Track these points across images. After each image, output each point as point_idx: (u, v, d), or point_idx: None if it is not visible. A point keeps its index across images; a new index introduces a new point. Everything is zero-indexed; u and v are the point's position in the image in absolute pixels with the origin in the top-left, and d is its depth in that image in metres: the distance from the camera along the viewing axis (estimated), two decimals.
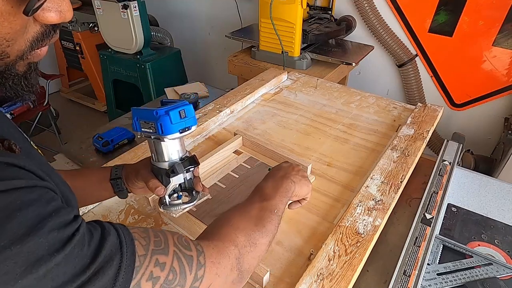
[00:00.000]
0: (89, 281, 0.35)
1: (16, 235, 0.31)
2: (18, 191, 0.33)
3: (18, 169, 0.35)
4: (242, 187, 0.94)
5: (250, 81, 1.44)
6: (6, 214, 0.31)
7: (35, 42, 0.39)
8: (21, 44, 0.37)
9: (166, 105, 0.62)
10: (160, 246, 0.43)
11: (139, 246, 0.41)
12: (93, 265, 0.35)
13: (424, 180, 1.04)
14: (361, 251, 0.72)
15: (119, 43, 2.36)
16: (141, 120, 0.62)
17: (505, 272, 0.80)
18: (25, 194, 0.33)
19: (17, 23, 0.35)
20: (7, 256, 0.30)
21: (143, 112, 0.61)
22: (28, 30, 0.37)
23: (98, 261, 0.36)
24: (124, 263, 0.38)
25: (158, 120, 0.59)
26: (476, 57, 1.93)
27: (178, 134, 0.60)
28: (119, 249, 0.38)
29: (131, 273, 0.38)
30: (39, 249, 0.32)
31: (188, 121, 0.61)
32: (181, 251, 0.45)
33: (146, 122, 0.61)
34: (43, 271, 0.32)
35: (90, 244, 0.36)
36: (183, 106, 0.60)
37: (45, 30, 0.39)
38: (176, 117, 0.59)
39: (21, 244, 0.31)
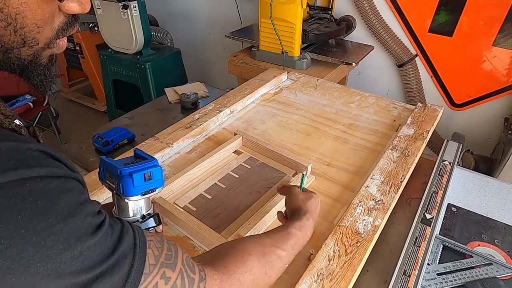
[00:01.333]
0: (107, 272, 0.36)
1: (61, 215, 0.33)
2: (59, 179, 0.35)
3: (54, 160, 0.37)
4: (242, 187, 0.94)
5: (250, 81, 1.44)
6: (51, 196, 0.34)
7: (60, 31, 0.41)
8: (49, 32, 0.40)
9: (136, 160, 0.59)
10: (170, 260, 0.44)
11: (151, 255, 0.42)
12: (112, 256, 0.37)
13: (424, 180, 1.04)
14: (361, 251, 0.72)
15: (119, 43, 2.36)
16: (106, 171, 0.60)
17: (505, 272, 0.80)
18: (64, 182, 0.36)
19: (47, 11, 0.38)
20: (53, 232, 0.32)
21: (109, 165, 0.58)
22: (54, 19, 0.40)
23: (116, 255, 0.38)
24: (135, 264, 0.39)
25: (121, 180, 0.57)
26: (476, 57, 1.93)
27: (140, 196, 0.59)
28: (133, 250, 0.40)
29: (140, 275, 0.40)
30: (78, 230, 0.34)
31: (153, 183, 0.59)
32: (186, 271, 0.45)
33: (110, 176, 0.59)
34: (78, 251, 0.34)
35: (112, 237, 0.38)
36: (150, 168, 0.58)
37: (68, 20, 0.41)
38: (139, 179, 0.57)
39: (64, 223, 0.33)
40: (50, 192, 0.34)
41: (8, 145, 0.33)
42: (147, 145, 1.05)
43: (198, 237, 0.79)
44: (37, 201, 0.32)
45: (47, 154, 0.36)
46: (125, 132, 1.24)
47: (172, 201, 0.89)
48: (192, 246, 0.79)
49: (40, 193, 0.33)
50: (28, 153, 0.34)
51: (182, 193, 0.92)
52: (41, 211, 0.32)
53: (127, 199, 0.59)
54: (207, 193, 0.92)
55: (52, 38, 0.41)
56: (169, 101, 1.57)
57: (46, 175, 0.34)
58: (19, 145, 0.34)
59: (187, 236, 0.81)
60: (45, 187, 0.33)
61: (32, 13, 0.37)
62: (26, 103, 2.37)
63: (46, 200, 0.33)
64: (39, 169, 0.34)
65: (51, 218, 0.33)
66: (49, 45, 0.41)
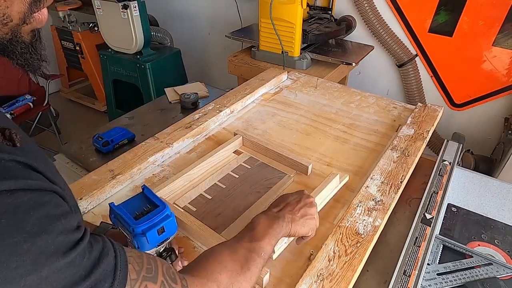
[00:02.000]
0: None
1: (29, 233, 0.32)
2: (32, 192, 0.33)
3: (30, 170, 0.35)
4: (242, 187, 0.94)
5: (250, 81, 1.44)
6: (20, 211, 0.32)
7: (34, 3, 0.39)
8: (19, 6, 0.38)
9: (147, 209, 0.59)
10: (150, 273, 0.44)
11: (132, 270, 0.42)
12: (88, 279, 0.35)
13: (424, 180, 1.04)
14: (361, 252, 0.72)
15: (119, 43, 2.36)
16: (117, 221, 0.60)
17: (505, 272, 0.80)
18: (38, 195, 0.34)
19: None
20: (18, 251, 0.31)
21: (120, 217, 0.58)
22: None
23: (93, 277, 0.36)
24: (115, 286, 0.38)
25: (134, 238, 0.57)
26: (476, 57, 1.93)
27: (155, 248, 0.60)
28: (113, 272, 0.39)
29: None
30: (47, 249, 0.32)
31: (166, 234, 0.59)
32: (167, 282, 0.46)
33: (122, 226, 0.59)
34: (46, 273, 0.32)
35: (90, 257, 0.36)
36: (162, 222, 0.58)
37: None
38: (153, 236, 0.57)
39: (32, 242, 0.31)
40: (20, 207, 0.32)
41: None
42: (147, 145, 1.05)
43: (198, 238, 0.79)
44: (2, 218, 0.30)
45: (22, 164, 0.34)
46: (125, 132, 1.24)
47: (172, 201, 0.89)
48: (192, 247, 0.79)
49: (8, 209, 0.31)
50: (2, 164, 0.33)
51: (182, 193, 0.92)
52: (7, 229, 0.30)
53: None
54: (207, 193, 0.92)
55: (25, 12, 0.39)
56: (169, 101, 1.57)
57: (18, 188, 0.32)
58: None
59: (187, 236, 0.81)
60: (14, 202, 0.31)
61: None
62: (26, 103, 2.37)
63: (13, 216, 0.31)
64: (11, 182, 0.32)
65: (17, 236, 0.31)
66: (25, 20, 0.39)
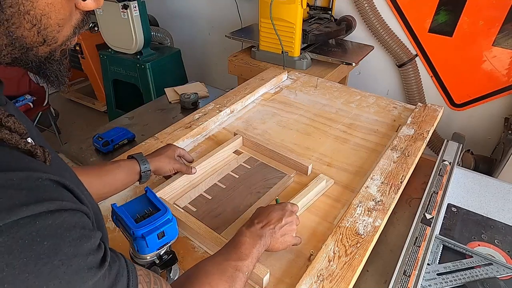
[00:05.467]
0: None
1: (66, 255, 0.32)
2: (66, 212, 0.34)
3: (63, 189, 0.36)
4: (242, 187, 0.94)
5: (250, 80, 1.44)
6: (59, 233, 0.33)
7: (77, 29, 0.42)
8: (68, 30, 0.40)
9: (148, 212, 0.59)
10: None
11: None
12: None
13: (424, 180, 1.04)
14: (361, 252, 0.72)
15: (119, 43, 2.36)
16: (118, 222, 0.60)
17: (505, 272, 0.80)
18: (71, 215, 0.35)
19: (67, 10, 0.38)
20: (57, 275, 0.31)
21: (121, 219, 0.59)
22: (72, 17, 0.40)
23: None
24: None
25: (134, 241, 0.57)
26: (476, 57, 1.93)
27: (155, 252, 0.60)
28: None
29: None
30: (80, 271, 0.34)
31: (167, 238, 0.60)
32: None
33: (123, 228, 0.60)
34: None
35: (109, 277, 0.37)
36: (162, 226, 0.58)
37: (83, 17, 0.42)
38: (153, 240, 0.58)
39: (68, 265, 0.32)
40: (58, 229, 0.33)
41: (18, 175, 0.32)
42: (147, 145, 1.05)
43: (198, 238, 0.79)
44: (44, 241, 0.31)
45: (56, 183, 0.35)
46: (125, 132, 1.24)
47: (172, 202, 0.89)
48: (192, 247, 0.79)
49: (48, 232, 0.32)
50: (39, 183, 0.34)
51: (182, 193, 0.92)
52: (48, 253, 0.31)
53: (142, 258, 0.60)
54: (207, 193, 0.92)
55: (70, 36, 0.41)
56: (169, 101, 1.57)
57: (55, 210, 0.33)
58: (29, 174, 0.33)
59: (187, 236, 0.81)
60: (53, 224, 0.32)
61: (56, 13, 0.37)
62: (26, 103, 2.37)
63: (53, 239, 0.32)
64: (49, 203, 0.33)
65: (56, 259, 0.32)
66: (66, 43, 0.41)
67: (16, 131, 0.36)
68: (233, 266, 0.60)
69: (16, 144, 0.36)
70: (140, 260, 0.61)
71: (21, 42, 0.37)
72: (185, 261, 0.75)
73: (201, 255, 0.77)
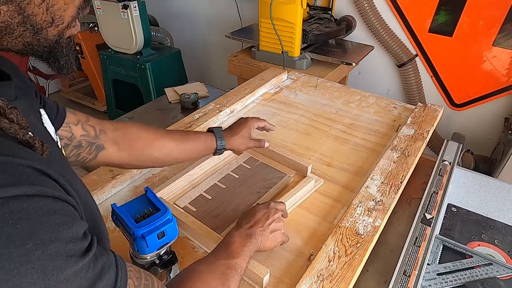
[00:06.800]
0: None
1: (41, 240, 0.31)
2: (46, 198, 0.34)
3: (46, 177, 0.35)
4: (242, 188, 0.94)
5: (250, 80, 1.44)
6: (35, 217, 0.32)
7: (80, 10, 0.43)
8: (72, 10, 0.41)
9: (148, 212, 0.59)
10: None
11: (131, 285, 0.42)
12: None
13: (424, 180, 1.04)
14: (361, 252, 0.72)
15: (119, 43, 2.36)
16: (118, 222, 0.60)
17: (505, 272, 0.80)
18: (51, 202, 0.34)
19: None
20: (30, 259, 0.30)
21: (121, 219, 0.58)
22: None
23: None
24: None
25: (134, 241, 0.57)
26: (476, 57, 1.93)
27: (155, 252, 0.60)
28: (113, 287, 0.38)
29: None
30: (57, 258, 0.32)
31: (167, 238, 0.59)
32: None
33: (123, 228, 0.60)
34: (54, 281, 0.32)
35: (94, 269, 0.36)
36: (162, 226, 0.58)
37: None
38: (153, 240, 0.57)
39: (43, 250, 0.31)
40: (34, 213, 0.32)
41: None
42: None
43: (198, 238, 0.79)
44: (17, 223, 0.30)
45: (40, 172, 0.35)
46: None
47: (172, 202, 0.89)
48: (192, 247, 0.79)
49: (23, 215, 0.31)
50: (20, 169, 0.33)
51: (182, 194, 0.92)
52: (20, 235, 0.30)
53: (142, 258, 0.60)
54: (207, 194, 0.92)
55: (74, 16, 0.42)
56: (169, 101, 1.57)
57: (33, 194, 0.32)
58: (10, 160, 0.33)
59: (187, 236, 0.81)
60: (29, 208, 0.32)
61: None
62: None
63: (27, 222, 0.31)
64: (28, 187, 0.32)
65: (30, 243, 0.31)
66: (71, 24, 0.42)
67: (18, 123, 0.36)
68: (224, 264, 0.61)
69: (14, 133, 0.36)
70: (140, 260, 0.61)
71: (32, 21, 0.38)
72: (185, 261, 0.75)
73: (201, 255, 0.77)
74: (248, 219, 0.72)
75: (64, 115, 0.63)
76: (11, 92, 0.43)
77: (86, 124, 0.68)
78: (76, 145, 0.66)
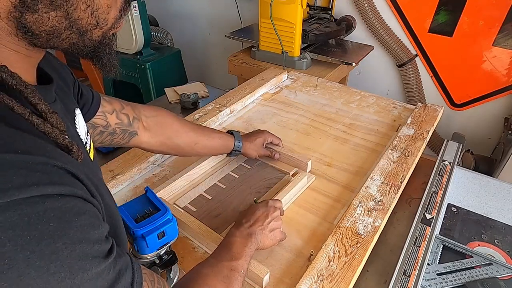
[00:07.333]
0: None
1: (71, 239, 0.32)
2: (77, 198, 0.35)
3: (76, 180, 0.36)
4: (242, 187, 0.94)
5: (250, 80, 1.44)
6: (67, 217, 0.33)
7: (123, 11, 0.44)
8: (115, 12, 0.42)
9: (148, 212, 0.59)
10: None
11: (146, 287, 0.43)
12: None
13: (424, 180, 1.04)
14: (361, 252, 0.72)
15: (119, 43, 2.35)
16: None
17: (505, 272, 0.80)
18: (82, 203, 0.35)
19: None
20: (59, 257, 0.31)
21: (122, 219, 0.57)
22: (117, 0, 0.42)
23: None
24: None
25: (135, 241, 0.57)
26: (476, 57, 1.92)
27: (155, 252, 0.60)
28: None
29: None
30: (84, 258, 0.33)
31: (167, 238, 0.60)
32: None
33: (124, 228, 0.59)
34: (79, 281, 0.32)
35: (114, 271, 0.37)
36: (163, 226, 0.58)
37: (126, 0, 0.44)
38: (153, 240, 0.58)
39: (71, 249, 0.32)
40: (66, 213, 0.33)
41: (35, 159, 0.33)
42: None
43: (198, 238, 0.79)
44: (50, 222, 0.31)
45: (71, 174, 0.36)
46: None
47: (172, 202, 0.89)
48: (192, 247, 0.79)
49: (56, 213, 0.32)
50: (54, 170, 0.34)
51: (182, 194, 0.92)
52: (52, 234, 0.31)
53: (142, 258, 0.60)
54: (207, 193, 0.92)
55: (117, 18, 0.43)
56: (169, 101, 1.57)
57: (66, 194, 0.33)
58: (46, 160, 0.34)
59: (187, 236, 0.81)
60: (62, 207, 0.32)
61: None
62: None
63: (59, 221, 0.32)
64: (61, 187, 0.33)
65: (60, 242, 0.31)
66: (114, 25, 0.43)
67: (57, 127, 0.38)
68: (227, 266, 0.61)
69: (55, 138, 0.37)
70: (140, 260, 0.61)
71: (78, 25, 0.39)
72: (185, 261, 0.75)
73: (201, 255, 0.77)
74: (247, 217, 0.72)
75: (99, 104, 0.67)
76: (51, 95, 0.45)
77: (120, 112, 0.73)
78: (111, 132, 0.71)
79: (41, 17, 0.36)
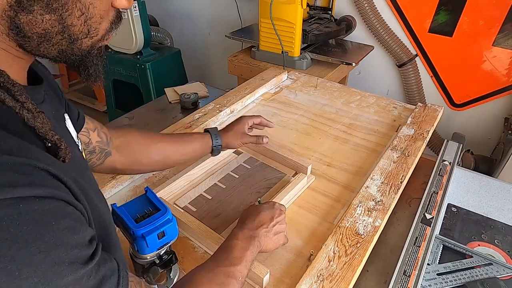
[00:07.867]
0: None
1: (46, 244, 0.31)
2: (58, 201, 0.34)
3: (59, 182, 0.36)
4: (242, 187, 0.94)
5: (250, 80, 1.44)
6: (44, 220, 0.32)
7: (113, 24, 0.44)
8: (106, 24, 0.43)
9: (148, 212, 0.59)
10: None
11: None
12: None
13: (424, 180, 1.04)
14: (361, 252, 0.72)
15: (119, 43, 2.36)
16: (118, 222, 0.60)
17: (505, 272, 0.80)
18: (62, 205, 0.34)
19: (107, 4, 0.42)
20: (32, 262, 0.30)
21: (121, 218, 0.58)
22: (109, 12, 0.43)
23: None
24: None
25: (134, 241, 0.57)
26: (476, 57, 1.92)
27: (155, 252, 0.60)
28: None
29: None
30: (59, 263, 0.32)
31: (167, 238, 0.59)
32: None
33: (123, 228, 0.59)
34: (54, 286, 0.32)
35: (95, 277, 0.36)
36: (162, 226, 0.57)
37: (118, 14, 0.45)
38: (153, 240, 0.57)
39: (46, 254, 0.31)
40: (44, 216, 0.32)
41: (15, 159, 0.32)
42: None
43: (198, 238, 0.79)
44: (24, 225, 0.30)
45: (53, 176, 0.35)
46: None
47: (172, 202, 0.89)
48: (192, 247, 0.79)
49: (31, 216, 0.31)
50: (34, 171, 0.33)
51: (182, 193, 0.92)
52: (26, 237, 0.30)
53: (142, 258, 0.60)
54: (207, 193, 0.92)
55: (107, 30, 0.44)
56: (169, 101, 1.57)
57: (46, 196, 0.32)
58: (27, 161, 0.33)
59: (187, 236, 0.81)
60: (39, 210, 0.31)
61: (100, 3, 0.40)
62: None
63: (35, 225, 0.31)
64: (40, 189, 0.32)
65: (34, 246, 0.30)
66: (104, 37, 0.44)
67: None
68: (224, 272, 0.58)
69: (44, 134, 0.38)
70: (140, 260, 0.61)
71: (70, 31, 0.39)
72: (185, 261, 0.75)
73: (201, 255, 0.77)
74: (252, 218, 0.70)
75: (83, 121, 0.66)
76: (40, 95, 0.45)
77: (100, 131, 0.71)
78: (91, 151, 0.69)
79: (35, 18, 0.36)
